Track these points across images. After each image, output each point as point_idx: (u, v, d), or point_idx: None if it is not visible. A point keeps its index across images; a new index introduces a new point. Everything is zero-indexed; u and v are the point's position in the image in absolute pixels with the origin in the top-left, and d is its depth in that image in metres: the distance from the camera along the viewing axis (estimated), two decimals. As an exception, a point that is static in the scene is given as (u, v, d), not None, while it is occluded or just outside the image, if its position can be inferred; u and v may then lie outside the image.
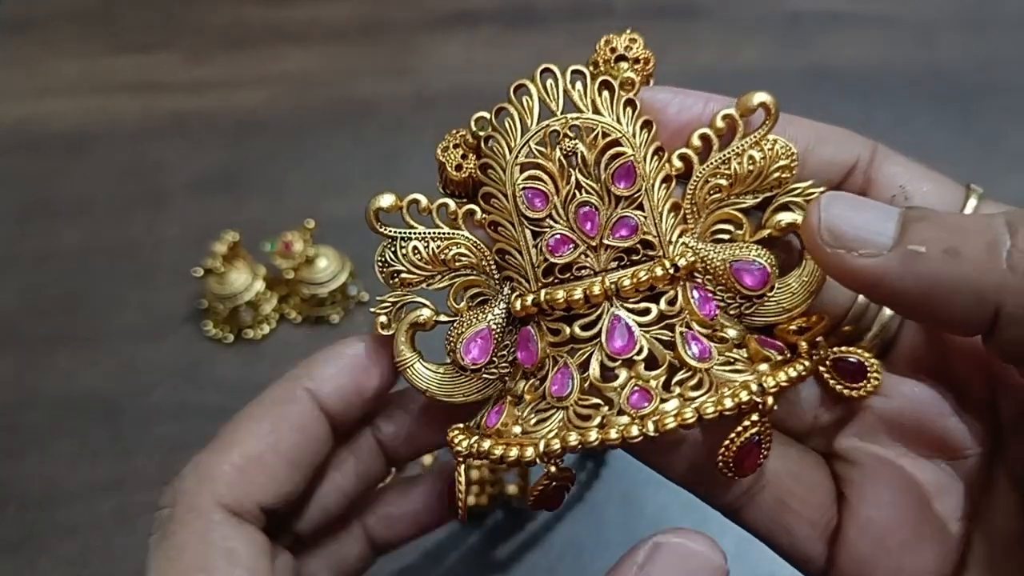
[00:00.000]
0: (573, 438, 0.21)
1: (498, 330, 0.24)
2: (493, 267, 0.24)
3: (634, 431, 0.20)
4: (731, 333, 0.23)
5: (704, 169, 0.23)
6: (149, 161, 0.51)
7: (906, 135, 0.49)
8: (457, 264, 0.24)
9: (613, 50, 0.23)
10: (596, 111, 0.23)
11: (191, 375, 0.42)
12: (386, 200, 0.23)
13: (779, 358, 0.22)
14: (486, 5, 0.59)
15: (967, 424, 0.23)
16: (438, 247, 0.24)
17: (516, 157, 0.22)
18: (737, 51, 0.55)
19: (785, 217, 0.23)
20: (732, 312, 0.23)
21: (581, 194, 0.22)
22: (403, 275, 0.24)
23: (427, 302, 0.24)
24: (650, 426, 0.20)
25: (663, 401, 0.21)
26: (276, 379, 0.24)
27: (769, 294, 0.23)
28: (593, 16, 0.58)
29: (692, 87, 0.24)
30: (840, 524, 0.24)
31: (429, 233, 0.23)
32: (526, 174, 0.22)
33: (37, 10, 0.60)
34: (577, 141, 0.22)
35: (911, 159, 0.23)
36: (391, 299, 0.24)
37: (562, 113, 0.22)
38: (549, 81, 0.23)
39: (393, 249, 0.23)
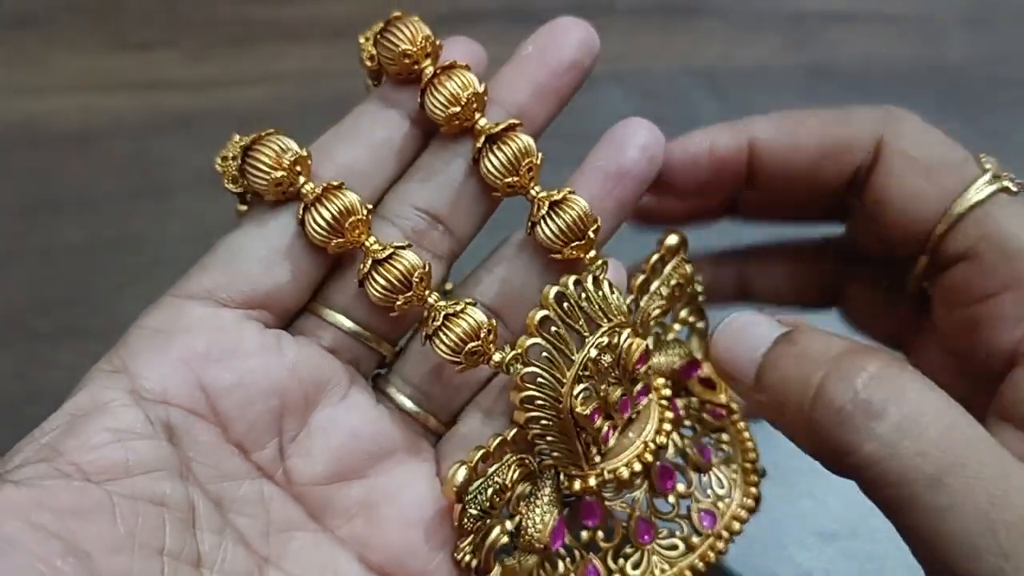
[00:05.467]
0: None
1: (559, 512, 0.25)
2: (536, 462, 0.25)
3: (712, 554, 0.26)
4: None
5: (647, 302, 0.27)
6: (152, 158, 0.51)
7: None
8: (516, 479, 0.24)
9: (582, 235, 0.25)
10: (608, 311, 0.24)
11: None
12: (462, 473, 0.23)
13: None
14: (487, 3, 0.59)
15: None
16: (500, 479, 0.24)
17: (572, 388, 0.23)
18: (740, 49, 0.55)
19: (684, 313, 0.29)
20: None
21: (614, 391, 0.24)
22: (489, 520, 0.24)
23: (494, 522, 0.24)
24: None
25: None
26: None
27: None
28: (595, 14, 0.57)
29: (692, 85, 0.24)
30: None
31: (491, 475, 0.24)
32: (581, 397, 0.23)
33: (39, 6, 0.60)
34: (608, 352, 0.23)
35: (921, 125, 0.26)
36: (468, 545, 0.24)
37: (579, 324, 0.23)
38: (565, 304, 0.23)
39: (477, 507, 0.23)
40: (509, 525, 0.24)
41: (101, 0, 0.60)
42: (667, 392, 0.26)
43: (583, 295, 0.23)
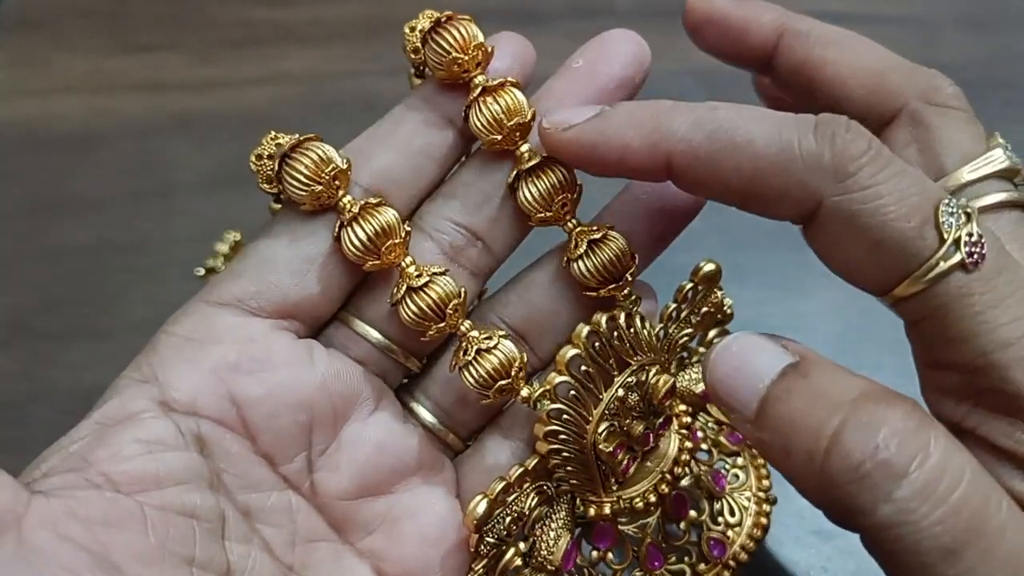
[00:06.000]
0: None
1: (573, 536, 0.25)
2: (553, 487, 0.25)
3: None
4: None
5: (676, 329, 0.27)
6: (157, 159, 0.51)
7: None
8: (534, 506, 0.24)
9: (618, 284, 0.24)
10: (638, 347, 0.24)
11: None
12: (483, 507, 0.23)
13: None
14: (488, 5, 0.59)
15: None
16: (519, 508, 0.24)
17: (597, 426, 0.23)
18: (739, 50, 0.55)
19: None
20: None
21: (638, 425, 0.24)
22: (504, 547, 0.24)
23: (508, 547, 0.24)
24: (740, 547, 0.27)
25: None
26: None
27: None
28: (595, 16, 0.58)
29: (693, 87, 0.24)
30: None
31: (510, 504, 0.24)
32: (604, 434, 0.23)
33: (43, 8, 0.60)
34: (635, 390, 0.24)
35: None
36: (481, 567, 0.24)
37: (608, 363, 0.23)
38: (596, 343, 0.23)
39: (495, 536, 0.23)
40: (523, 546, 0.24)
41: (105, 2, 0.60)
42: (687, 420, 0.26)
43: (615, 333, 0.23)
